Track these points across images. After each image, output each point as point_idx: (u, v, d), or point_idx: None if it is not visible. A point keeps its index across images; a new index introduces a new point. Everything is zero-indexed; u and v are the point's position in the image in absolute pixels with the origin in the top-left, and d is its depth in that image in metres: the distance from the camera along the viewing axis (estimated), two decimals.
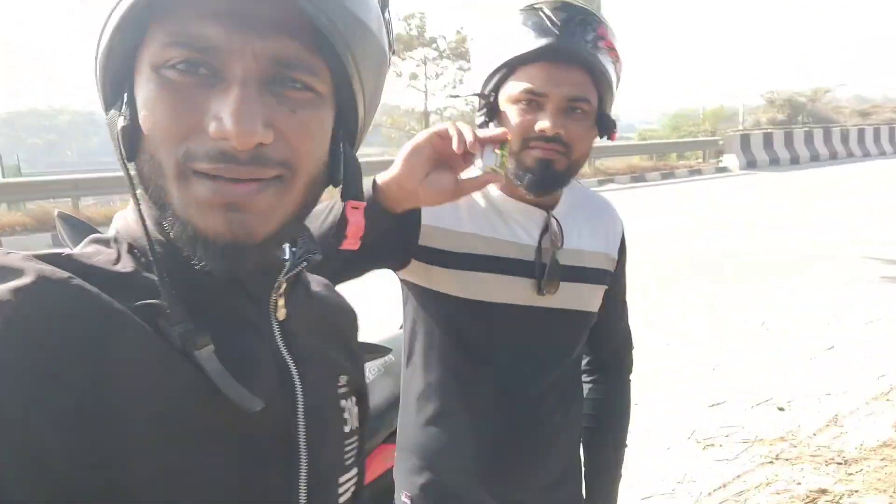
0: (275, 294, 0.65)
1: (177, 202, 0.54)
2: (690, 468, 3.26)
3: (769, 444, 3.49)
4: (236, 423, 0.56)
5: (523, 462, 1.27)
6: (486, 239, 1.22)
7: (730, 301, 5.93)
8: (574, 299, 1.26)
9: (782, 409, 3.91)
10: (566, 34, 1.11)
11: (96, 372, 0.48)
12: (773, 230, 9.59)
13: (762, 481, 3.13)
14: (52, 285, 0.49)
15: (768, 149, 20.87)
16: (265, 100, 0.53)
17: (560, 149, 1.14)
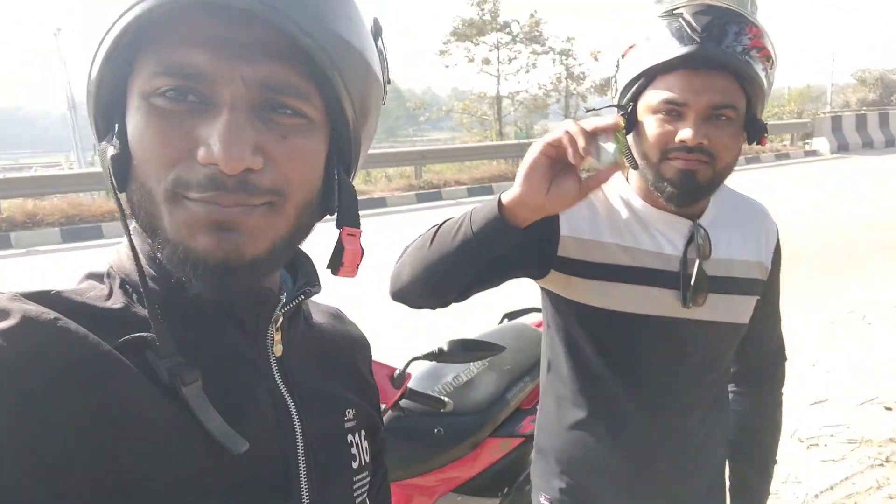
0: (271, 328, 0.64)
1: (168, 225, 0.54)
2: (795, 468, 3.15)
3: (878, 445, 3.34)
4: (229, 463, 0.55)
5: (667, 475, 1.25)
6: (628, 249, 1.19)
7: (829, 293, 5.68)
8: (723, 311, 1.22)
9: (889, 408, 3.72)
10: (708, 40, 1.05)
11: (80, 415, 0.48)
12: (871, 218, 9.11)
13: (872, 485, 2.99)
14: (37, 327, 0.49)
15: (861, 131, 19.79)
16: (255, 125, 0.53)
17: (704, 158, 1.09)
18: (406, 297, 1.13)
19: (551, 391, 1.32)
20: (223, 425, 0.55)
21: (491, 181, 14.10)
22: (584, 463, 1.26)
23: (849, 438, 3.42)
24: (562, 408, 1.29)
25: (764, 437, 1.40)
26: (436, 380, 2.20)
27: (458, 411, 2.08)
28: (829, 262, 6.52)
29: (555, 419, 1.30)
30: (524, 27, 23.80)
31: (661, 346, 1.21)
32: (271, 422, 0.61)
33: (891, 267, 6.59)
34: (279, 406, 0.63)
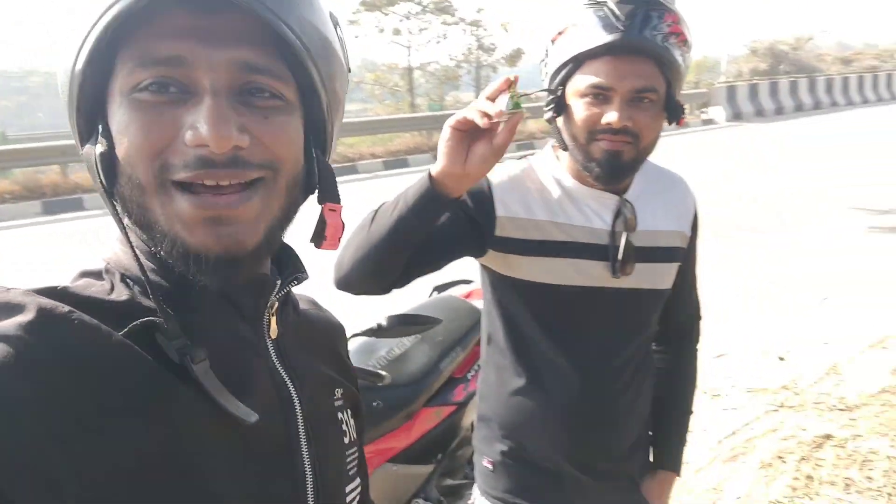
0: (268, 313, 0.67)
1: (161, 219, 0.55)
2: (701, 417, 3.42)
3: (773, 392, 3.66)
4: (237, 438, 0.58)
5: (600, 432, 1.35)
6: (561, 225, 1.27)
7: (727, 253, 6.07)
8: (648, 279, 1.32)
9: (782, 358, 4.07)
10: (631, 28, 1.13)
11: (103, 403, 0.50)
12: (762, 182, 9.72)
13: (769, 428, 3.29)
14: (55, 319, 0.50)
15: (754, 100, 20.91)
16: (237, 108, 0.55)
17: (628, 139, 1.18)
18: (350, 284, 1.18)
19: (491, 361, 1.40)
20: (233, 399, 0.57)
21: (406, 153, 14.09)
22: (524, 426, 1.36)
23: (747, 388, 3.73)
24: (502, 376, 1.37)
25: (681, 390, 1.52)
26: (370, 354, 2.26)
27: (394, 383, 2.14)
28: (725, 226, 6.96)
29: (495, 387, 1.39)
30: None
31: (594, 313, 1.31)
32: (273, 400, 0.64)
33: (783, 228, 7.10)
34: (279, 385, 0.66)
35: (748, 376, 3.85)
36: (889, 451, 3.00)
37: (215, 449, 0.57)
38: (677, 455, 1.51)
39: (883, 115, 19.24)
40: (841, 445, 3.08)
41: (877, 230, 6.87)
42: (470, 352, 2.51)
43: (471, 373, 2.49)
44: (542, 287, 1.28)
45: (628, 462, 1.42)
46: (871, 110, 21.41)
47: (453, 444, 2.40)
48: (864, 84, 24.74)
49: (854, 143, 13.44)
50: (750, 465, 2.99)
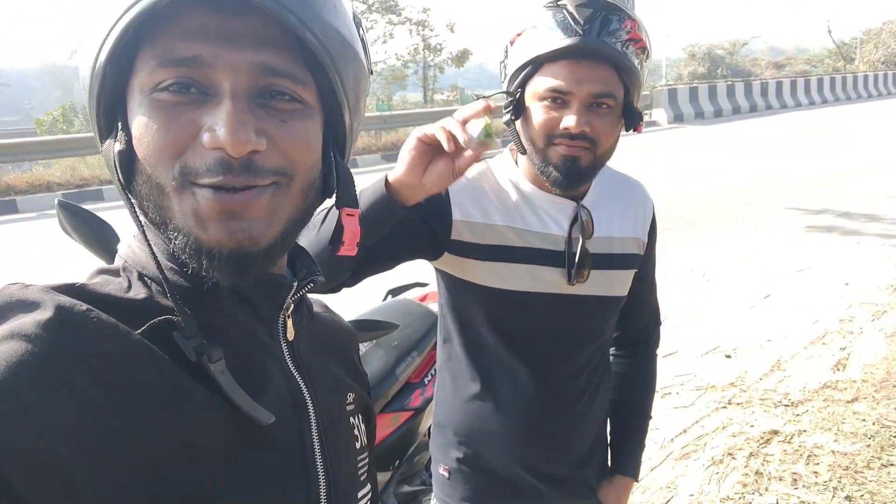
0: (283, 315, 0.67)
1: (177, 216, 0.55)
2: (653, 416, 3.46)
3: (721, 389, 3.74)
4: (252, 439, 0.58)
5: (557, 438, 1.34)
6: (518, 230, 1.26)
7: (672, 253, 6.19)
8: (604, 286, 1.31)
9: (729, 356, 4.17)
10: (590, 32, 1.11)
11: (119, 402, 0.50)
12: (702, 182, 9.97)
13: (718, 425, 3.36)
14: (73, 318, 0.50)
15: (694, 102, 21.48)
16: (255, 111, 0.55)
17: (585, 145, 1.16)
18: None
19: (447, 367, 1.37)
20: (249, 400, 0.57)
21: (355, 154, 13.95)
22: (481, 433, 1.34)
23: (696, 386, 3.80)
24: (458, 382, 1.35)
25: (640, 395, 1.53)
26: None
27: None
28: (671, 226, 7.11)
29: (451, 394, 1.37)
30: None
31: (550, 320, 1.30)
32: (287, 401, 0.64)
33: (724, 229, 7.29)
34: (293, 387, 0.65)
35: (697, 374, 3.93)
36: (833, 445, 3.09)
37: (228, 449, 0.56)
38: (636, 460, 1.51)
39: (814, 118, 20.02)
40: (787, 441, 3.16)
41: (813, 229, 7.12)
42: (426, 356, 2.47)
43: (427, 377, 2.46)
44: (498, 292, 1.26)
45: (585, 468, 1.41)
46: (804, 113, 22.25)
47: (410, 450, 2.36)
48: (796, 88, 25.68)
49: (789, 144, 13.93)
50: (701, 463, 3.04)
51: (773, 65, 42.51)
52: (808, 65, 42.30)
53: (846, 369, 3.89)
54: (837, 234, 6.91)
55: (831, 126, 17.45)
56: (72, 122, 20.64)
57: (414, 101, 26.25)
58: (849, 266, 5.79)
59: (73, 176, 11.40)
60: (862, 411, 3.39)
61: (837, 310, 4.81)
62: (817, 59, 44.68)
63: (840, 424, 3.27)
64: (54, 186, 10.83)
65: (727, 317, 4.80)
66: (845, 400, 3.52)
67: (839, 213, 7.80)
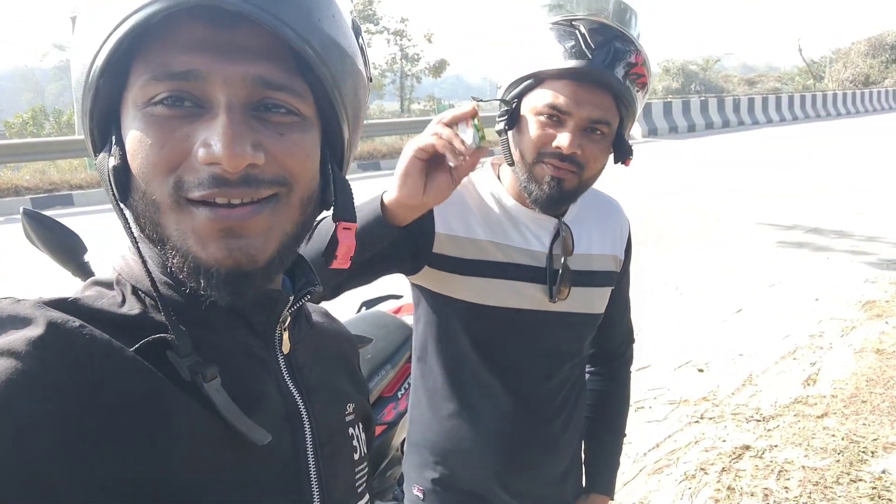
0: (279, 328, 0.66)
1: (174, 234, 0.54)
2: (627, 430, 3.46)
3: (693, 404, 3.75)
4: (245, 457, 0.57)
5: (535, 457, 1.33)
6: (500, 246, 1.24)
7: (645, 267, 6.23)
8: (583, 303, 1.31)
9: (701, 370, 4.19)
10: (599, 58, 1.11)
11: (110, 420, 0.49)
12: (675, 196, 10.08)
13: (691, 440, 3.37)
14: (65, 334, 0.50)
15: (668, 117, 21.77)
16: (251, 125, 0.54)
17: (573, 168, 1.16)
18: None
19: (422, 385, 1.35)
20: (245, 419, 0.56)
21: None
22: (457, 453, 1.31)
23: (669, 399, 3.81)
24: (433, 401, 1.33)
25: (615, 412, 1.51)
26: None
27: None
28: (645, 239, 7.17)
29: (427, 412, 1.34)
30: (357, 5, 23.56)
31: (529, 337, 1.28)
32: (282, 417, 0.63)
33: (697, 243, 7.37)
34: (288, 401, 0.65)
35: (670, 388, 3.94)
36: (804, 460, 3.12)
37: (221, 468, 0.56)
38: (610, 478, 1.50)
39: (785, 135, 20.39)
40: (759, 456, 3.18)
41: (784, 245, 7.22)
42: (400, 369, 2.44)
43: (401, 391, 2.43)
44: (479, 308, 1.25)
45: (562, 486, 1.40)
46: (775, 129, 22.65)
47: (383, 465, 2.33)
48: (768, 104, 26.17)
49: (760, 160, 14.16)
50: (674, 478, 3.04)
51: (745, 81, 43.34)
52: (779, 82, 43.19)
53: (816, 384, 3.93)
54: (808, 249, 7.02)
55: (802, 143, 17.78)
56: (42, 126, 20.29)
57: (391, 111, 26.26)
58: (819, 281, 5.87)
59: (42, 180, 11.19)
60: (831, 426, 3.42)
61: (808, 325, 4.87)
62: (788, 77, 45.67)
63: (810, 440, 3.30)
64: (23, 190, 10.62)
65: (700, 331, 4.83)
66: (815, 415, 3.55)
67: (809, 228, 7.92)
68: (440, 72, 25.91)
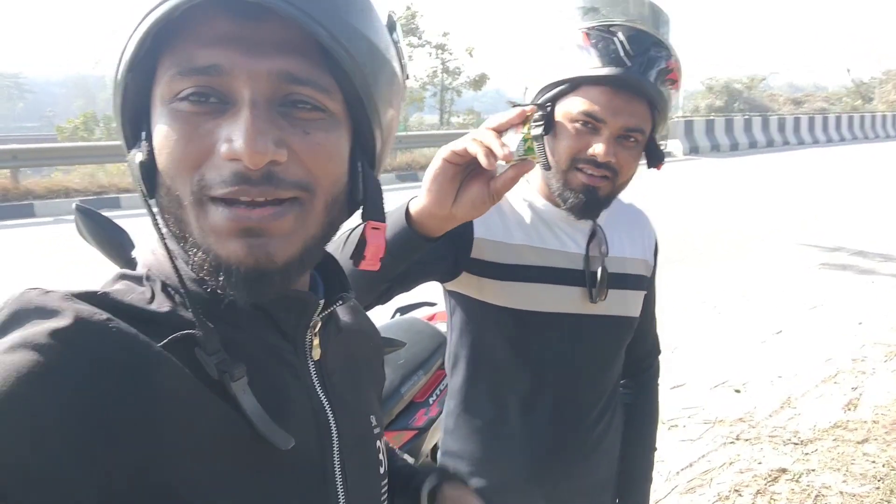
0: (310, 333, 0.65)
1: (196, 231, 0.54)
2: (659, 448, 3.41)
3: (729, 424, 3.68)
4: (271, 462, 0.56)
5: (574, 467, 1.31)
6: (537, 249, 1.24)
7: (682, 283, 6.15)
8: (621, 306, 1.30)
9: (738, 391, 4.11)
10: (637, 66, 1.10)
11: (133, 415, 0.48)
12: (716, 214, 9.92)
13: (725, 461, 3.30)
14: (91, 327, 0.49)
15: (710, 135, 21.48)
16: (276, 121, 0.53)
17: (607, 174, 1.16)
18: None
19: (459, 394, 1.33)
20: (270, 422, 0.55)
21: None
22: (493, 463, 1.30)
23: (704, 419, 3.74)
24: (470, 410, 1.31)
25: (645, 426, 1.49)
26: None
27: None
28: (683, 255, 7.07)
29: (463, 422, 1.32)
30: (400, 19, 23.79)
31: (569, 341, 1.27)
32: (309, 425, 0.62)
33: (737, 261, 7.24)
34: (316, 408, 0.63)
35: (705, 407, 3.88)
36: (842, 486, 3.03)
37: (247, 472, 0.55)
38: (644, 492, 1.48)
39: (831, 156, 19.95)
40: (795, 480, 3.10)
41: (827, 266, 7.05)
42: (432, 375, 2.46)
43: (432, 397, 2.44)
44: (518, 313, 1.23)
45: (601, 496, 1.38)
46: (821, 150, 22.17)
47: None
48: (814, 125, 25.64)
49: (805, 180, 13.87)
50: (707, 498, 2.99)
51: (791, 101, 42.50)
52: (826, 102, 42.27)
53: (857, 409, 3.83)
54: (852, 272, 6.85)
55: (848, 164, 17.37)
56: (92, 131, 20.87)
57: (430, 123, 26.41)
58: (863, 305, 5.72)
59: (91, 183, 11.51)
60: (872, 453, 3.33)
61: (850, 349, 4.74)
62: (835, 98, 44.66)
63: (849, 465, 3.21)
64: (72, 192, 10.93)
65: (738, 350, 4.74)
66: (855, 440, 3.46)
67: (854, 251, 7.72)
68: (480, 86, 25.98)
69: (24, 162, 11.14)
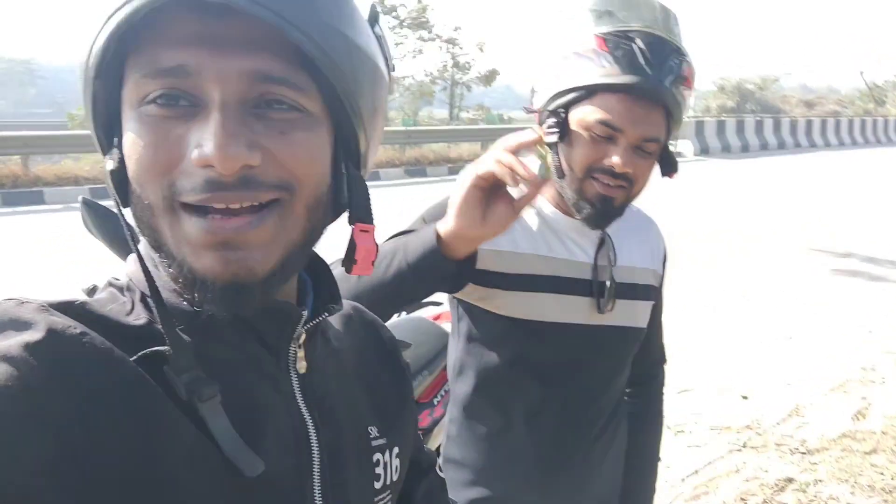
0: (294, 345, 0.62)
1: (170, 241, 0.52)
2: (664, 454, 3.38)
3: (736, 431, 3.65)
4: (244, 484, 0.54)
5: (578, 478, 1.29)
6: (544, 258, 1.21)
7: (691, 286, 6.10)
8: (628, 316, 1.28)
9: (745, 397, 4.07)
10: (656, 74, 1.07)
11: (101, 434, 0.47)
12: (726, 216, 9.87)
13: (732, 469, 3.27)
14: (64, 341, 0.47)
15: (721, 136, 21.38)
16: (249, 123, 0.51)
17: (623, 184, 1.13)
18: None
19: (462, 401, 1.31)
20: (239, 445, 0.53)
21: (378, 167, 14.05)
22: (496, 472, 1.28)
23: (711, 425, 3.71)
24: (473, 418, 1.29)
25: (650, 436, 1.47)
26: None
27: None
28: (693, 258, 7.03)
29: (466, 430, 1.30)
30: (411, 12, 23.77)
31: (577, 352, 1.25)
32: (288, 441, 0.59)
33: (747, 266, 7.19)
34: (297, 425, 0.60)
35: (712, 413, 3.84)
36: (849, 497, 3.00)
37: (218, 494, 0.52)
38: (647, 503, 1.46)
39: (843, 159, 19.82)
40: (802, 490, 3.07)
41: (838, 272, 7.00)
42: (437, 376, 2.43)
43: (437, 398, 2.42)
44: (525, 323, 1.21)
45: None
46: (832, 153, 22.03)
47: None
48: (826, 128, 25.48)
49: (816, 184, 13.78)
50: None
51: (803, 103, 42.22)
52: (838, 105, 41.98)
53: (866, 419, 3.78)
54: (863, 278, 6.79)
55: (859, 169, 17.25)
56: None
57: (440, 118, 26.37)
58: (873, 313, 5.67)
59: (100, 172, 11.43)
60: (880, 464, 3.29)
61: (860, 357, 4.69)
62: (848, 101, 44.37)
63: (857, 476, 3.17)
64: (82, 180, 10.97)
65: (746, 356, 4.70)
66: (864, 451, 3.42)
67: (865, 257, 7.67)
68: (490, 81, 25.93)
69: (35, 149, 11.19)
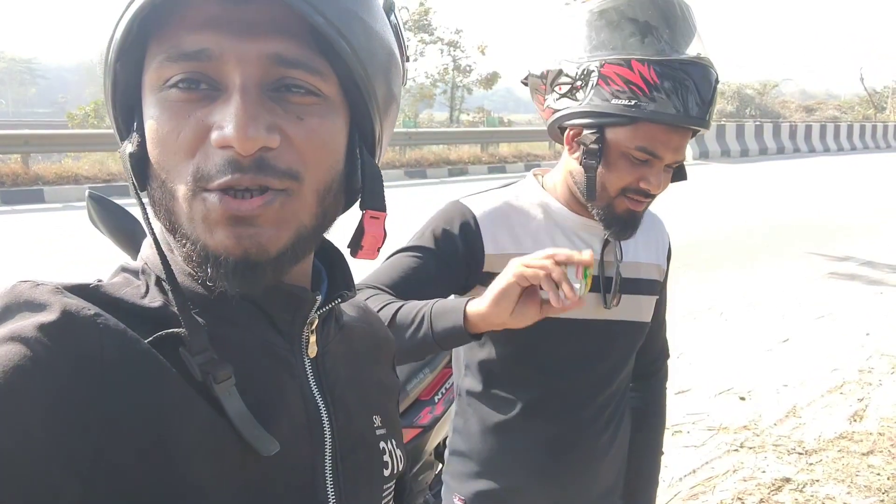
0: (306, 330, 0.63)
1: (185, 223, 0.53)
2: (663, 453, 3.41)
3: (733, 432, 3.67)
4: (257, 465, 0.54)
5: (582, 471, 1.31)
6: None
7: (689, 288, 6.15)
8: (633, 311, 1.30)
9: (743, 398, 4.10)
10: (703, 110, 1.11)
11: (115, 414, 0.47)
12: (724, 220, 9.89)
13: (729, 468, 3.29)
14: (78, 322, 0.48)
15: (720, 140, 21.41)
16: (268, 106, 0.52)
17: (650, 200, 1.20)
18: None
19: (468, 395, 1.34)
20: (254, 426, 0.53)
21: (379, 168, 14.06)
22: (503, 464, 1.30)
23: (708, 426, 3.73)
24: (480, 412, 1.31)
25: (653, 430, 1.50)
26: None
27: None
28: (691, 262, 7.04)
29: (473, 423, 1.33)
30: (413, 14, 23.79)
31: (583, 346, 1.27)
32: (302, 425, 0.60)
33: (745, 269, 7.22)
34: (310, 409, 0.61)
35: (709, 414, 3.86)
36: (846, 497, 3.02)
37: (230, 475, 0.53)
38: (651, 498, 1.48)
39: (842, 164, 19.86)
40: (799, 490, 3.09)
41: (835, 276, 7.02)
42: (438, 373, 2.45)
43: (438, 395, 2.43)
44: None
45: (609, 500, 1.38)
46: (831, 158, 22.07)
47: (415, 469, 2.33)
48: (825, 133, 25.52)
49: (814, 189, 13.81)
50: None
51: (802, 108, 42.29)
52: (838, 111, 42.06)
53: (863, 421, 3.81)
54: (860, 282, 6.82)
55: (858, 173, 17.29)
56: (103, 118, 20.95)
57: (440, 120, 26.41)
58: (870, 316, 5.70)
59: (100, 170, 11.57)
60: (877, 465, 3.31)
61: (857, 359, 4.72)
62: (848, 106, 44.45)
63: (854, 477, 3.20)
64: (82, 179, 10.98)
65: (743, 358, 4.72)
66: (861, 452, 3.44)
67: (863, 261, 7.69)
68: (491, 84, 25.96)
69: (35, 147, 11.19)
